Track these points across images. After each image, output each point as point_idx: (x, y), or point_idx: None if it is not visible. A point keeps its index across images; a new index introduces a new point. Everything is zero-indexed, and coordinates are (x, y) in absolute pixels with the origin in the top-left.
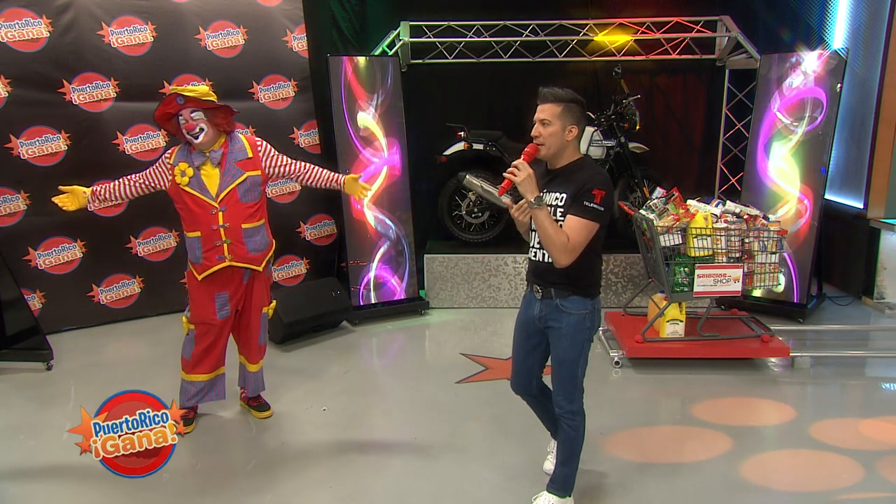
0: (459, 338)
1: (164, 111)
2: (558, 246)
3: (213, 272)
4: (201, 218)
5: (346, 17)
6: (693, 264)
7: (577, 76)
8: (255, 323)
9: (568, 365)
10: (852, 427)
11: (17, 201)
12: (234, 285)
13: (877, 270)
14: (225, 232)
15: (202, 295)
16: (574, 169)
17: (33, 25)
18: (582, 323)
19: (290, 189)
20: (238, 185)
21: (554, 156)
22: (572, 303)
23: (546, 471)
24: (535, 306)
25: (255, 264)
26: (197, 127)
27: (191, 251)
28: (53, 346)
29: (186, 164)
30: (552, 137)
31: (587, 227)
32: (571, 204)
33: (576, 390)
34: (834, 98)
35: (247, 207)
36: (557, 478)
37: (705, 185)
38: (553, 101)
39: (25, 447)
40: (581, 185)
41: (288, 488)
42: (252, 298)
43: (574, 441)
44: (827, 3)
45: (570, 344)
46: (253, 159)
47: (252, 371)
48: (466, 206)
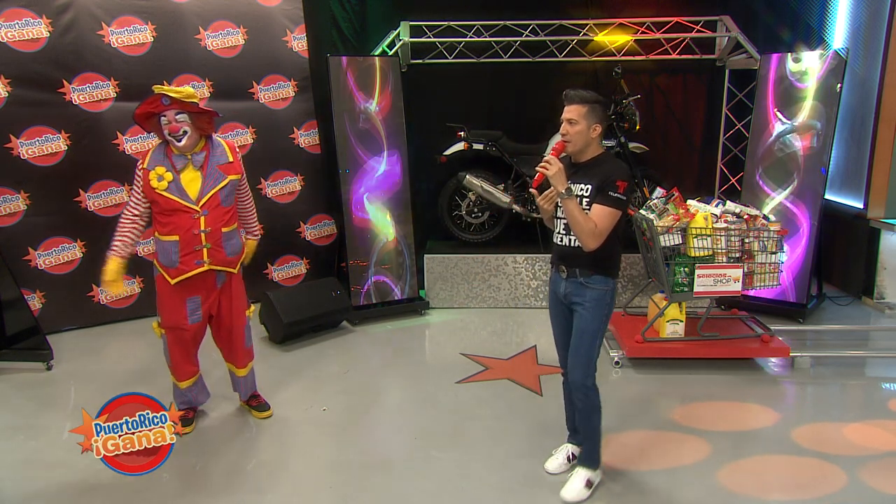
0: (459, 338)
1: (147, 110)
2: (587, 231)
3: (188, 277)
4: (180, 222)
5: (346, 17)
6: (693, 264)
7: (577, 76)
8: (239, 327)
9: (587, 336)
10: (851, 430)
11: (17, 201)
12: (207, 289)
13: (877, 270)
14: (206, 237)
15: (173, 300)
16: (598, 162)
17: (33, 25)
18: (603, 298)
19: (290, 189)
20: (220, 189)
21: (579, 151)
22: (595, 281)
23: (547, 469)
24: (561, 285)
25: (232, 267)
26: (181, 129)
27: (164, 255)
28: (53, 346)
29: (164, 169)
30: (578, 135)
31: (612, 214)
32: (597, 194)
33: (591, 365)
34: (833, 99)
35: (226, 212)
36: (585, 453)
37: (705, 185)
38: (579, 102)
39: (25, 447)
40: (606, 177)
41: (288, 488)
42: (232, 303)
43: (590, 415)
44: (827, 3)
45: (592, 316)
46: (233, 163)
47: (242, 376)
48: (466, 206)
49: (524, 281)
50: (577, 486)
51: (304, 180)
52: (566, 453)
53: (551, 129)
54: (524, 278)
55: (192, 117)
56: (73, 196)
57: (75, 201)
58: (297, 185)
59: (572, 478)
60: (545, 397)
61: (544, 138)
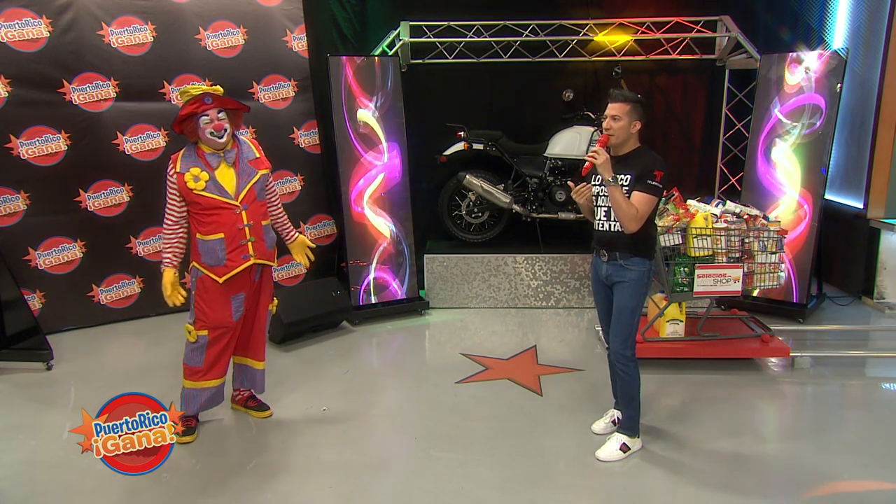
0: (459, 338)
1: (191, 110)
2: (629, 216)
3: (236, 273)
4: (224, 219)
5: (346, 17)
6: (693, 264)
7: (577, 76)
8: (263, 319)
9: (627, 312)
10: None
11: (17, 201)
12: (249, 284)
13: (877, 270)
14: (249, 230)
15: (219, 298)
16: (636, 155)
17: (33, 25)
18: (642, 278)
19: (290, 189)
20: (254, 183)
21: (620, 144)
22: (634, 263)
23: (593, 430)
24: (602, 268)
25: (271, 260)
26: (224, 126)
27: (210, 254)
28: (53, 346)
29: (199, 169)
30: (621, 130)
31: (650, 200)
32: (636, 182)
33: (630, 338)
34: (834, 99)
35: (262, 205)
36: (624, 421)
37: (705, 185)
38: (622, 100)
39: (25, 447)
40: (644, 168)
41: (288, 488)
42: (262, 297)
43: (629, 385)
44: (827, 3)
45: (632, 294)
46: (261, 159)
47: (259, 369)
48: (466, 206)
49: (524, 281)
50: (612, 447)
51: (304, 180)
52: (612, 417)
53: (551, 128)
54: (524, 278)
55: (228, 114)
56: (73, 196)
57: (75, 201)
58: (297, 185)
59: (609, 440)
60: (545, 397)
61: (544, 138)
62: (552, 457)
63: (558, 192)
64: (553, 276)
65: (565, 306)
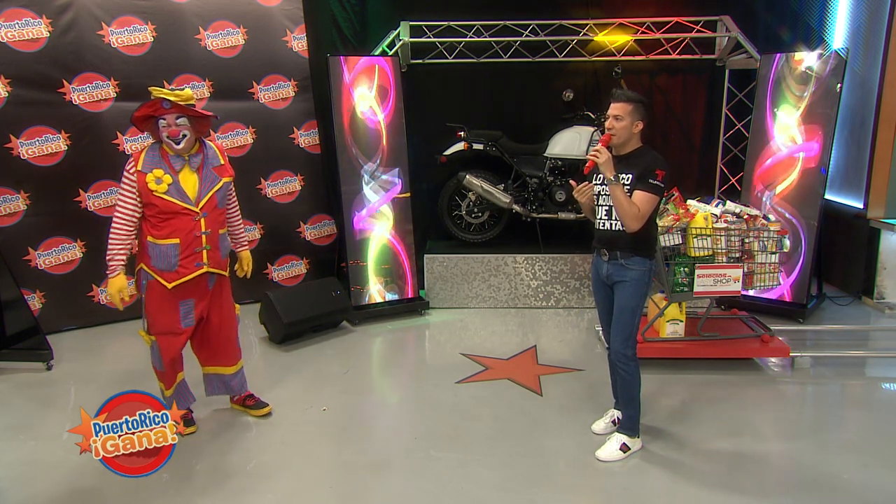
0: (459, 338)
1: (146, 113)
2: (631, 215)
3: (186, 280)
4: (181, 225)
5: (346, 17)
6: (693, 264)
7: (577, 76)
8: (231, 327)
9: (628, 311)
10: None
11: (17, 201)
12: (200, 292)
13: (877, 270)
14: (206, 238)
15: (167, 304)
16: (638, 155)
17: (33, 25)
18: (642, 278)
19: (289, 189)
20: (216, 190)
21: (622, 144)
22: (635, 262)
23: (593, 430)
24: (603, 267)
25: (224, 269)
26: (180, 133)
27: (162, 259)
28: (53, 346)
29: (162, 171)
30: (623, 130)
31: (652, 199)
32: (637, 182)
33: (630, 337)
34: (833, 99)
35: (221, 213)
36: (624, 421)
37: (705, 185)
38: (625, 100)
39: (25, 447)
40: (646, 167)
41: (288, 488)
42: (223, 304)
43: (630, 384)
44: (827, 3)
45: (632, 293)
46: (225, 166)
47: (233, 373)
48: (466, 206)
49: (524, 281)
50: (612, 447)
51: (304, 180)
52: (612, 417)
53: (551, 128)
54: (524, 278)
55: (190, 121)
56: (73, 196)
57: (75, 201)
58: (296, 185)
59: (609, 440)
60: (545, 397)
61: (544, 138)
62: (552, 457)
63: (558, 192)
64: (553, 276)
65: (565, 306)
